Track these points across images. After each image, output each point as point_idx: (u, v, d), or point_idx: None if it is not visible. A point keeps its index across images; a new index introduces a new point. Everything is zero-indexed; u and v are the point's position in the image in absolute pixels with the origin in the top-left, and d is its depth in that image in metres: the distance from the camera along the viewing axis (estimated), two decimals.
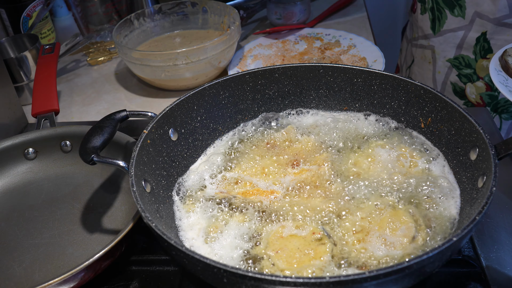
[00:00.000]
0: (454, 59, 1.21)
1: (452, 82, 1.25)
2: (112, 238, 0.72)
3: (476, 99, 1.21)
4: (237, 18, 1.30)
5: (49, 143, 0.97)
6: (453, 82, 1.25)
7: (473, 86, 1.20)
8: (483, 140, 0.70)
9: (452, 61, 1.22)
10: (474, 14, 1.12)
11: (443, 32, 1.20)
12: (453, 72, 1.23)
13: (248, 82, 0.91)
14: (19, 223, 0.87)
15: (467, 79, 1.21)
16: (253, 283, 0.55)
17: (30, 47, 1.26)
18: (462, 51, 1.19)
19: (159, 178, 0.78)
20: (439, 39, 1.23)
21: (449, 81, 1.26)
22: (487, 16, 1.11)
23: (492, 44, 1.14)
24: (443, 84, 1.27)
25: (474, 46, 1.15)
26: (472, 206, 0.68)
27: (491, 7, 1.10)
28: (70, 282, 0.69)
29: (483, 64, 1.17)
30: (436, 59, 1.27)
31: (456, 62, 1.21)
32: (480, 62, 1.17)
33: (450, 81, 1.26)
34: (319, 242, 0.69)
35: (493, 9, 1.09)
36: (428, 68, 1.30)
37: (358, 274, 0.52)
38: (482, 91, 1.20)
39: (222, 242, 0.71)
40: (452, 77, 1.24)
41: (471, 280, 0.72)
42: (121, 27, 1.33)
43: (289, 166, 0.84)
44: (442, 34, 1.21)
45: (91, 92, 1.34)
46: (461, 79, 1.22)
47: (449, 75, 1.26)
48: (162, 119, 0.81)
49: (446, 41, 1.22)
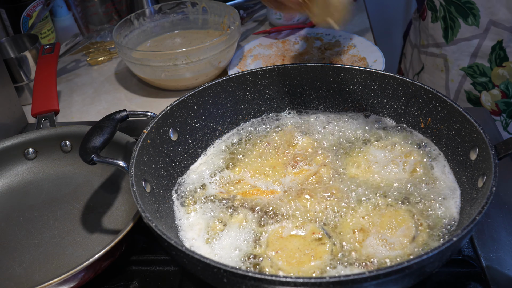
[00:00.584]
0: (468, 68, 1.19)
1: (466, 91, 1.23)
2: (112, 238, 0.72)
3: (492, 107, 1.20)
4: (237, 18, 1.30)
5: (49, 143, 0.97)
6: (467, 90, 1.23)
7: (488, 94, 1.19)
8: (483, 140, 0.70)
9: (466, 70, 1.20)
10: (489, 22, 1.10)
11: (457, 41, 1.19)
12: (467, 80, 1.21)
13: (248, 82, 0.91)
14: (19, 223, 0.87)
15: (482, 87, 1.19)
16: (253, 283, 0.55)
17: (30, 47, 1.26)
18: (476, 60, 1.17)
19: (159, 178, 0.78)
20: (452, 48, 1.21)
21: (463, 89, 1.24)
22: (503, 25, 1.09)
23: (508, 52, 1.13)
24: (457, 92, 1.25)
25: (490, 55, 1.14)
26: (472, 206, 0.68)
27: (507, 15, 1.08)
28: (70, 282, 0.69)
29: (498, 72, 1.15)
30: (449, 68, 1.25)
31: (470, 71, 1.19)
32: (496, 70, 1.15)
33: (464, 89, 1.24)
34: (319, 242, 0.69)
35: (509, 17, 1.08)
36: (440, 76, 1.28)
37: (358, 274, 0.52)
38: (498, 98, 1.18)
39: (222, 242, 0.71)
40: (466, 85, 1.22)
41: (471, 280, 0.72)
42: (121, 27, 1.32)
43: (289, 166, 0.84)
44: (456, 43, 1.20)
45: (91, 92, 1.34)
46: (476, 87, 1.21)
47: (463, 83, 1.24)
48: (162, 119, 0.81)
49: (460, 50, 1.21)
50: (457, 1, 1.12)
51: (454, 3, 1.13)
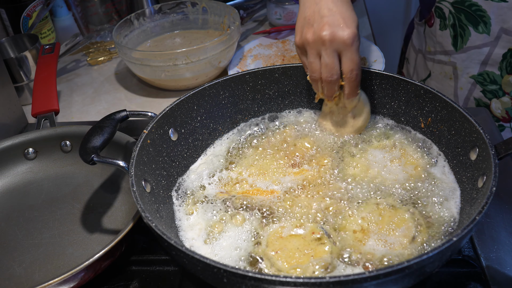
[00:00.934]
0: (478, 76, 1.18)
1: (476, 98, 1.22)
2: (112, 238, 0.72)
3: (502, 114, 1.19)
4: (237, 18, 1.30)
5: (49, 143, 0.97)
6: (477, 98, 1.22)
7: (498, 101, 1.18)
8: (483, 140, 0.69)
9: (476, 78, 1.19)
10: (500, 30, 1.09)
11: (466, 49, 1.17)
12: (476, 88, 1.20)
13: (248, 82, 0.91)
14: (19, 223, 0.87)
15: (492, 95, 1.18)
16: (253, 283, 0.55)
17: (30, 47, 1.26)
18: (486, 68, 1.16)
19: (159, 178, 0.78)
20: (462, 56, 1.20)
21: (472, 96, 1.23)
22: None
23: None
24: (466, 100, 1.24)
25: (500, 63, 1.13)
26: (472, 206, 0.68)
27: None
28: (70, 282, 0.69)
29: (509, 80, 1.14)
30: (459, 76, 1.23)
31: (480, 79, 1.18)
32: (507, 78, 1.14)
33: (474, 96, 1.23)
34: (319, 242, 0.69)
35: None
36: (449, 84, 1.27)
37: (358, 274, 0.52)
38: (508, 106, 1.17)
39: (222, 242, 0.71)
40: (476, 93, 1.21)
41: (471, 280, 0.72)
42: (121, 27, 1.33)
43: (289, 166, 0.84)
44: (465, 51, 1.18)
45: (91, 92, 1.34)
46: (486, 95, 1.19)
47: (472, 91, 1.22)
48: (162, 119, 0.81)
49: (470, 58, 1.19)
50: (468, 9, 1.11)
51: (464, 11, 1.12)
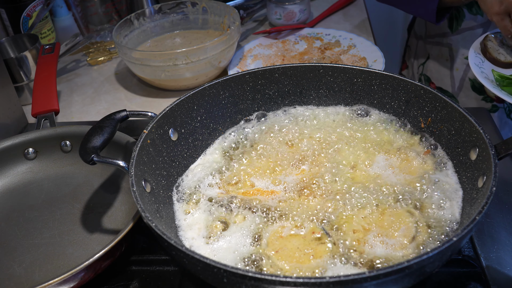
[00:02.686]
0: None
1: (471, 79, 1.26)
2: (112, 238, 0.72)
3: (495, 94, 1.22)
4: (237, 18, 1.30)
5: (49, 143, 0.97)
6: (471, 78, 1.26)
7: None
8: (483, 140, 0.70)
9: None
10: None
11: (461, 30, 1.21)
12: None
13: (248, 82, 0.91)
14: (19, 223, 0.87)
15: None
16: (253, 283, 0.55)
17: (30, 47, 1.26)
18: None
19: (159, 178, 0.78)
20: (457, 37, 1.24)
21: (467, 77, 1.27)
22: None
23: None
24: (461, 81, 1.28)
25: None
26: (472, 206, 0.68)
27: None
28: (70, 282, 0.69)
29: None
30: (454, 57, 1.27)
31: None
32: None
33: (468, 77, 1.26)
34: (319, 242, 0.69)
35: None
36: (446, 65, 1.31)
37: (358, 274, 0.52)
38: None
39: (222, 242, 0.71)
40: (471, 74, 1.25)
41: (471, 280, 0.72)
42: (121, 27, 1.33)
43: (289, 166, 0.84)
44: (460, 32, 1.22)
45: (91, 92, 1.34)
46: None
47: (467, 72, 1.26)
48: (162, 119, 0.81)
49: (464, 39, 1.23)
50: None
51: None
